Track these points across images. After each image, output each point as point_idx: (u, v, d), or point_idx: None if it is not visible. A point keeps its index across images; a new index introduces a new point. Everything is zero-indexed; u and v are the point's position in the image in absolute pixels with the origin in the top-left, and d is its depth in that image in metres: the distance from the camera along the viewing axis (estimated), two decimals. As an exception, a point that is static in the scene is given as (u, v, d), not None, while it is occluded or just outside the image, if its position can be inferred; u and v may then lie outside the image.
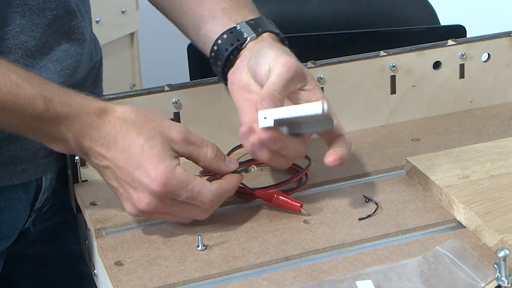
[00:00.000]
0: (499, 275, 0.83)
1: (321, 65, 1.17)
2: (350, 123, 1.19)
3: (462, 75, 1.24)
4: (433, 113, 1.24)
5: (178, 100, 1.11)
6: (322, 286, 0.87)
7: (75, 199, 1.08)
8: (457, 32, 1.65)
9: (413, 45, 1.22)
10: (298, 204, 0.99)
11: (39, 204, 1.11)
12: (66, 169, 1.10)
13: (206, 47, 1.07)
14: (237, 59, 1.04)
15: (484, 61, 1.25)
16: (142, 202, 0.93)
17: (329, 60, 1.18)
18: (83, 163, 1.08)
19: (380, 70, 1.19)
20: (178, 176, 0.92)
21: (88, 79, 1.12)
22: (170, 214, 0.95)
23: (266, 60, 0.97)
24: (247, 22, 1.04)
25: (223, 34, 1.05)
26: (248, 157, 1.07)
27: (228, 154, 1.10)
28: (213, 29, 1.06)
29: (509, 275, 0.82)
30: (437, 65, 1.22)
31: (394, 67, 1.19)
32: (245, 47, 1.03)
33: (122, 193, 0.94)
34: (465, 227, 0.96)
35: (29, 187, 1.08)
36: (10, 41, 1.00)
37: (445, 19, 1.89)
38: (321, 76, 1.16)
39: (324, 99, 0.95)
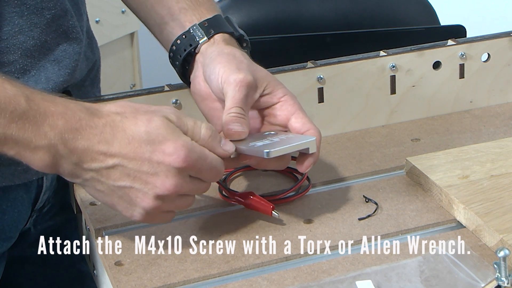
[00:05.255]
0: (499, 275, 0.82)
1: (321, 65, 1.17)
2: (350, 123, 1.19)
3: (462, 75, 1.23)
4: (433, 113, 1.24)
5: (178, 100, 1.11)
6: (322, 286, 0.87)
7: (75, 199, 1.08)
8: (457, 32, 1.65)
9: (413, 45, 1.21)
10: (270, 206, 0.98)
11: (40, 204, 1.11)
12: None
13: (168, 49, 1.08)
14: (193, 64, 1.05)
15: (484, 61, 1.25)
16: (167, 184, 0.87)
17: (329, 60, 1.18)
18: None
19: (380, 70, 1.19)
20: (195, 149, 0.89)
21: (87, 80, 1.12)
22: (186, 197, 0.91)
23: (216, 78, 0.98)
24: (201, 24, 1.05)
25: (177, 39, 1.06)
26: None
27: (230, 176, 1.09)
28: (171, 31, 1.07)
29: (509, 275, 0.82)
30: (437, 65, 1.22)
31: (394, 67, 1.19)
32: (198, 51, 1.04)
33: (140, 187, 0.88)
34: (465, 227, 0.96)
35: (30, 187, 1.08)
36: (8, 41, 0.99)
37: (445, 19, 1.89)
38: (321, 76, 1.16)
39: (287, 96, 0.98)
